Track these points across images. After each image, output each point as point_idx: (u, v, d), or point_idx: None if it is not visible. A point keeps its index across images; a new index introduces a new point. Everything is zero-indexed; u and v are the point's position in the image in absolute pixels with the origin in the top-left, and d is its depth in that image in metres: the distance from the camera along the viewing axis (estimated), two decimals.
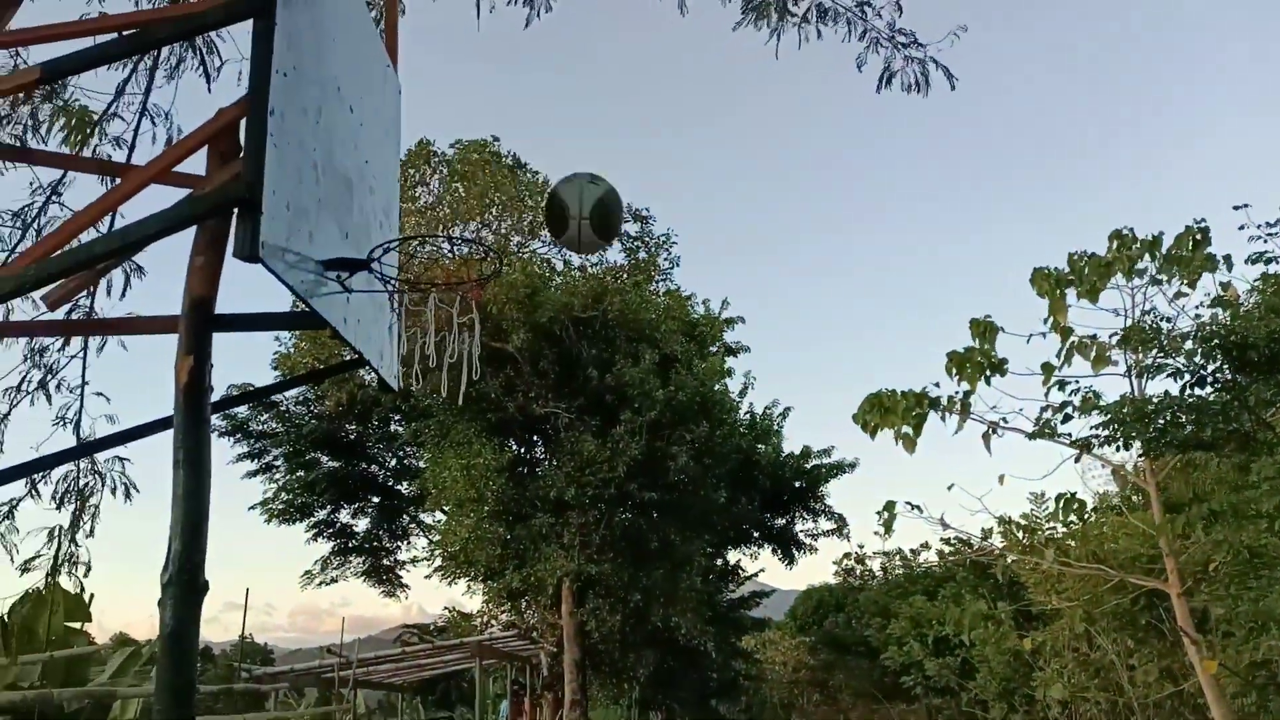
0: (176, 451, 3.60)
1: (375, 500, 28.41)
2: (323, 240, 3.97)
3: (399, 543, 29.53)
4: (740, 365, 32.63)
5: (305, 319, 4.08)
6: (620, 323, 19.07)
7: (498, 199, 19.49)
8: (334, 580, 28.14)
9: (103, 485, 6.98)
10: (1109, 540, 12.13)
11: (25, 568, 6.94)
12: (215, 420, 23.43)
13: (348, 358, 5.37)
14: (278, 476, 25.00)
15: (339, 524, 27.81)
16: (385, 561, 29.35)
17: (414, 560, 27.95)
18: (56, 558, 6.87)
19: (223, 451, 23.86)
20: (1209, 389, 8.80)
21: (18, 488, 6.89)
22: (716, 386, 21.90)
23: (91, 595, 12.40)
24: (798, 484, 35.54)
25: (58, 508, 6.89)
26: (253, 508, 24.87)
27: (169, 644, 3.50)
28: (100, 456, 6.91)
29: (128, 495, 6.99)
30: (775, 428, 33.92)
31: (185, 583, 3.52)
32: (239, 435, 24.26)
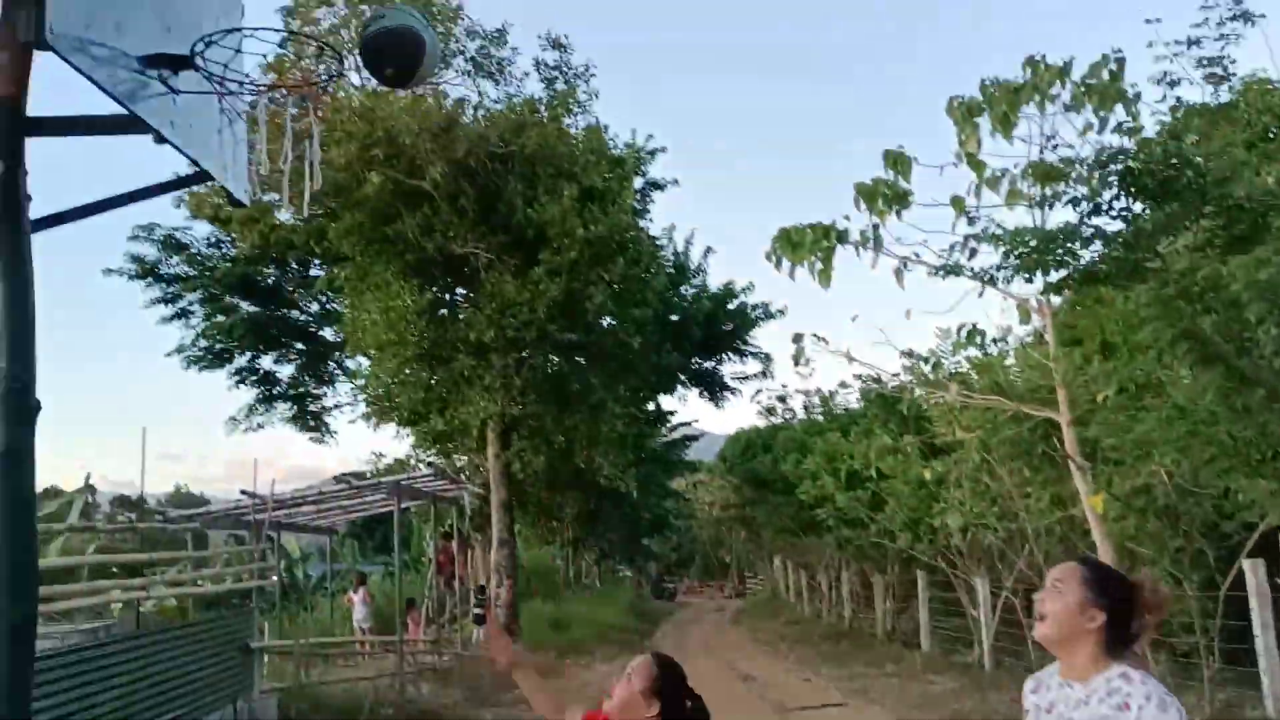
0: None
1: (299, 346, 28.05)
2: (137, 32, 3.64)
3: (325, 388, 29.38)
4: (666, 205, 32.15)
5: (129, 123, 3.77)
6: (539, 158, 18.46)
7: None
8: (260, 427, 27.94)
9: None
10: (1008, 374, 12.42)
11: None
12: (123, 263, 22.65)
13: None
14: (194, 322, 24.54)
15: (261, 370, 27.48)
16: (311, 408, 29.23)
17: (338, 406, 27.85)
18: None
19: (134, 295, 23.34)
20: (1105, 218, 8.81)
21: None
22: (637, 223, 21.52)
23: None
24: (726, 327, 35.85)
25: None
26: (170, 354, 24.47)
27: (3, 462, 3.28)
28: None
29: None
30: (699, 266, 33.68)
31: (14, 399, 3.28)
32: (150, 279, 23.64)
